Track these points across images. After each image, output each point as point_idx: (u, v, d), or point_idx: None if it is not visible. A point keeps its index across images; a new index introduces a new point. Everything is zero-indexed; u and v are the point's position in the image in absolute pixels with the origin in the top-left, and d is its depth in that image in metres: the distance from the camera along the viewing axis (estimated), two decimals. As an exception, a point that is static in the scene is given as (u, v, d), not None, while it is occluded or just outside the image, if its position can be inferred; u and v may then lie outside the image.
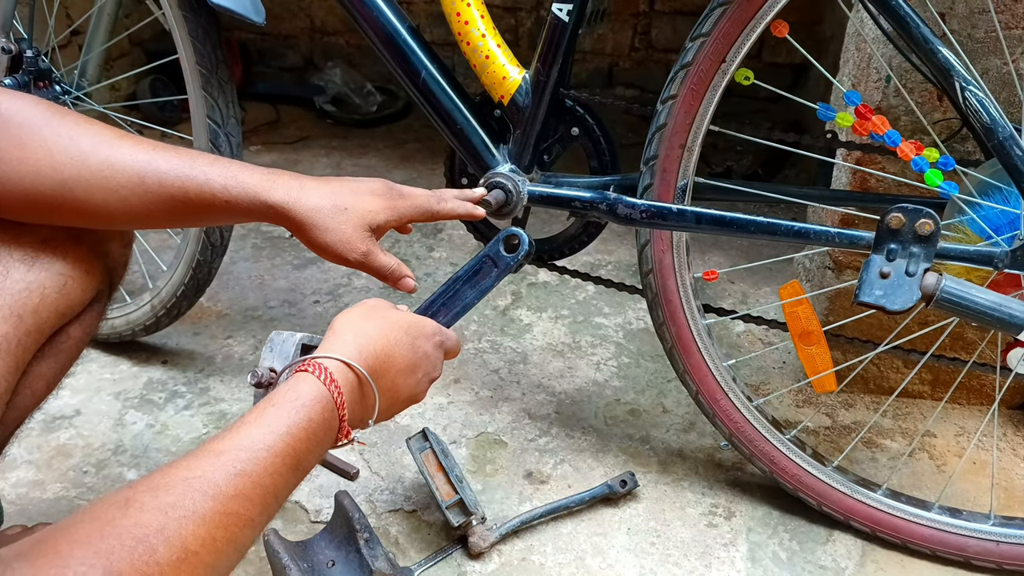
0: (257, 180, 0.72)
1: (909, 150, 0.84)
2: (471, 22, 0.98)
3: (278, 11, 2.42)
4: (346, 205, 0.75)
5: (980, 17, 0.96)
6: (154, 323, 1.32)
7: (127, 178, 0.66)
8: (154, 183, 0.67)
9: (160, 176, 0.67)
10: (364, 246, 0.76)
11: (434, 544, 1.04)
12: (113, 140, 0.67)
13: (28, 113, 0.64)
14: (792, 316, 0.98)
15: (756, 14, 0.83)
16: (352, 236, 0.75)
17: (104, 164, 0.65)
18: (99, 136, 0.66)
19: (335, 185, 0.77)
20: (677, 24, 2.25)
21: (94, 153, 0.65)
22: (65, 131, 0.65)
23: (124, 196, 0.66)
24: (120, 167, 0.66)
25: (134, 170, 0.66)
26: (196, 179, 0.69)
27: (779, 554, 1.03)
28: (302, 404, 0.60)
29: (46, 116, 0.65)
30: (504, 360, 1.38)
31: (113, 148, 0.66)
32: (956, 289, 0.77)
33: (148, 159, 0.67)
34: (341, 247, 0.75)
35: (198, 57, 1.12)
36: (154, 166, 0.67)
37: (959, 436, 1.21)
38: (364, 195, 0.77)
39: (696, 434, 1.22)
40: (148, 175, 0.67)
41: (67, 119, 0.66)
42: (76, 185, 0.64)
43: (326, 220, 0.74)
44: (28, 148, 0.63)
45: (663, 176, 0.93)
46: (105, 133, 0.67)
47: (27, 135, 0.63)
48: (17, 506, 1.08)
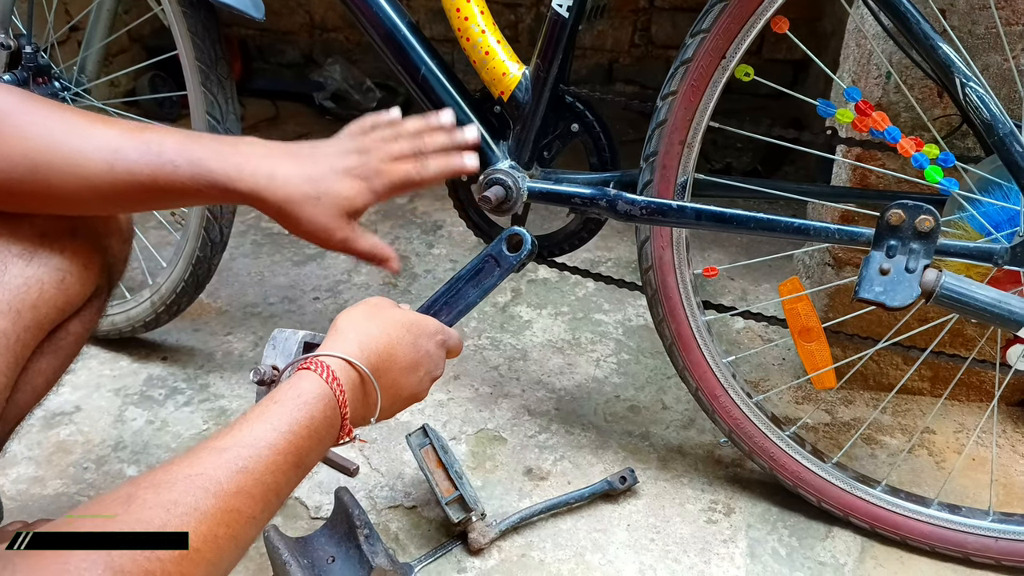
0: (225, 170, 0.69)
1: (909, 146, 0.84)
2: (471, 18, 0.98)
3: (277, 7, 2.42)
4: (319, 193, 0.72)
5: (980, 13, 0.96)
6: (154, 319, 1.32)
7: (97, 166, 0.65)
8: (123, 171, 0.66)
9: (129, 165, 0.66)
10: (342, 234, 0.74)
11: (434, 540, 1.04)
12: (82, 126, 0.66)
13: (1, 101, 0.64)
14: (792, 313, 0.98)
15: (756, 10, 0.83)
16: (329, 224, 0.73)
17: (75, 151, 0.65)
18: (70, 123, 0.65)
19: (308, 165, 0.73)
20: (677, 20, 2.25)
21: (65, 140, 0.64)
22: (38, 118, 0.64)
23: (95, 184, 0.65)
24: (90, 154, 0.65)
25: (103, 159, 0.65)
26: (164, 169, 0.67)
27: (778, 550, 1.03)
28: (304, 402, 0.60)
29: (18, 103, 0.64)
30: (504, 357, 1.38)
31: (83, 136, 0.65)
32: (956, 285, 0.77)
33: (117, 146, 0.66)
34: (318, 237, 0.73)
35: (197, 53, 1.12)
36: (122, 154, 0.66)
37: (958, 432, 1.21)
38: (340, 178, 0.74)
39: (696, 430, 1.22)
40: (117, 163, 0.66)
41: (39, 106, 0.65)
42: (48, 172, 0.64)
43: (298, 211, 0.71)
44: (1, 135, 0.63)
45: (663, 172, 0.93)
46: (77, 119, 0.66)
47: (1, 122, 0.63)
48: (17, 502, 1.08)
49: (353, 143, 0.77)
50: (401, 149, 0.79)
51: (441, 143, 0.82)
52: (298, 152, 0.74)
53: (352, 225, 0.75)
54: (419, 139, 0.80)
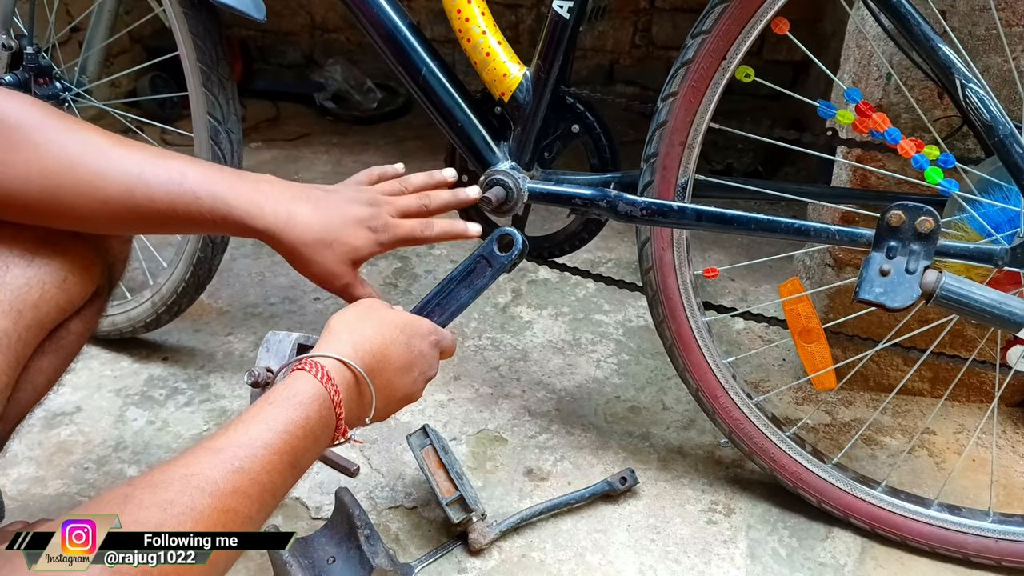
0: (244, 207, 0.71)
1: (909, 147, 0.84)
2: (472, 19, 0.98)
3: (278, 8, 2.42)
4: (331, 240, 0.75)
5: (981, 14, 0.96)
6: (155, 320, 1.32)
7: (116, 190, 0.65)
8: (143, 197, 0.67)
9: (149, 191, 0.67)
10: (344, 280, 0.77)
11: (434, 541, 1.04)
12: (104, 148, 0.66)
13: (22, 115, 0.64)
14: (792, 313, 0.98)
15: (757, 11, 0.83)
16: (335, 270, 0.76)
17: (93, 174, 0.65)
18: (90, 143, 0.66)
19: (322, 210, 0.76)
20: (678, 21, 2.25)
21: (83, 162, 0.65)
22: (57, 136, 0.64)
23: (113, 208, 0.66)
24: (109, 178, 0.65)
25: (123, 183, 0.66)
26: (184, 199, 0.68)
27: (778, 551, 1.03)
28: (299, 402, 0.60)
29: (39, 119, 0.64)
30: (504, 357, 1.38)
31: (102, 158, 0.66)
32: (956, 287, 0.77)
33: (138, 172, 0.66)
34: (322, 280, 0.76)
35: (199, 54, 1.12)
36: (143, 180, 0.67)
37: (958, 433, 1.21)
38: (350, 227, 0.76)
39: (696, 431, 1.22)
40: (137, 189, 0.66)
41: (59, 123, 0.65)
42: (64, 193, 0.64)
43: (310, 254, 0.74)
44: (19, 151, 0.63)
45: (664, 173, 0.93)
46: (96, 140, 0.66)
47: (19, 138, 0.63)
48: (18, 502, 1.08)
49: (364, 195, 0.80)
50: (408, 204, 0.83)
51: (445, 200, 0.87)
52: (314, 196, 0.77)
53: (355, 273, 0.78)
54: (425, 195, 0.85)
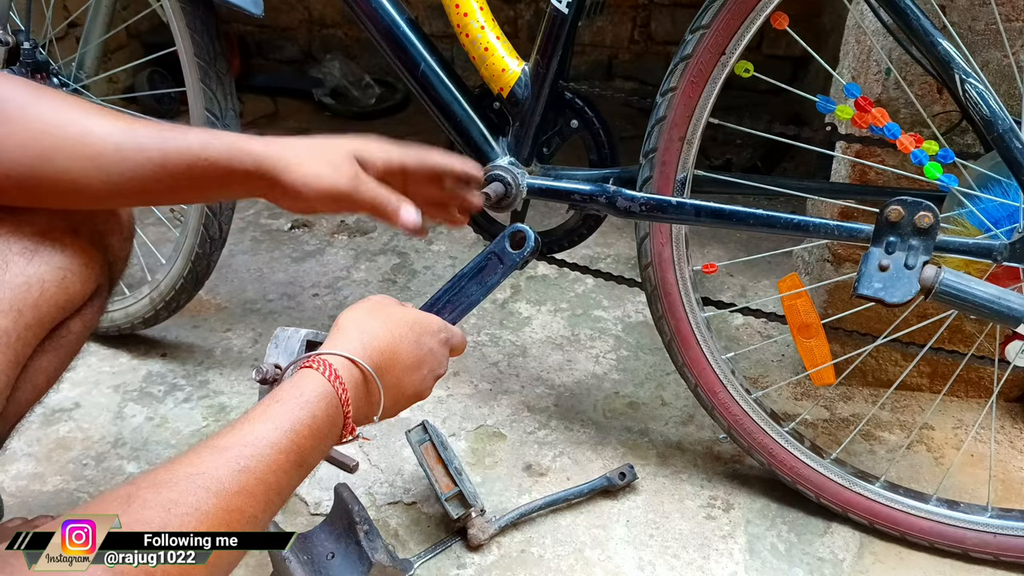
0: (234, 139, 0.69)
1: (908, 143, 0.84)
2: (470, 14, 0.98)
3: (276, 3, 2.41)
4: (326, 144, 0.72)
5: (980, 9, 0.96)
6: (153, 316, 1.32)
7: (105, 146, 0.65)
8: (133, 149, 0.66)
9: (139, 143, 0.66)
10: (352, 170, 0.71)
11: (433, 536, 1.04)
12: (92, 112, 0.67)
13: (10, 89, 0.64)
14: (791, 309, 0.98)
15: (756, 6, 0.83)
16: (338, 161, 0.71)
17: (83, 131, 0.65)
18: (79, 109, 0.66)
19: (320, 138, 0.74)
20: (676, 16, 2.24)
21: (72, 123, 0.65)
22: (46, 104, 0.65)
23: (103, 165, 0.65)
24: (98, 134, 0.65)
25: (112, 139, 0.66)
26: (175, 140, 0.67)
27: (777, 546, 1.03)
28: (306, 401, 0.59)
29: (28, 92, 0.65)
30: (503, 353, 1.38)
31: (91, 119, 0.66)
32: (955, 282, 0.77)
33: (126, 127, 0.66)
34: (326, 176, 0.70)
35: (196, 49, 1.12)
36: (132, 133, 0.66)
37: (957, 429, 1.22)
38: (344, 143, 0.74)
39: (695, 427, 1.22)
40: (126, 143, 0.66)
41: (48, 94, 0.66)
42: (55, 155, 0.64)
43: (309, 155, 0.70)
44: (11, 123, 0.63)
45: (662, 169, 0.93)
46: (85, 107, 0.67)
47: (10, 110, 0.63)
48: (17, 499, 1.08)
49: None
50: None
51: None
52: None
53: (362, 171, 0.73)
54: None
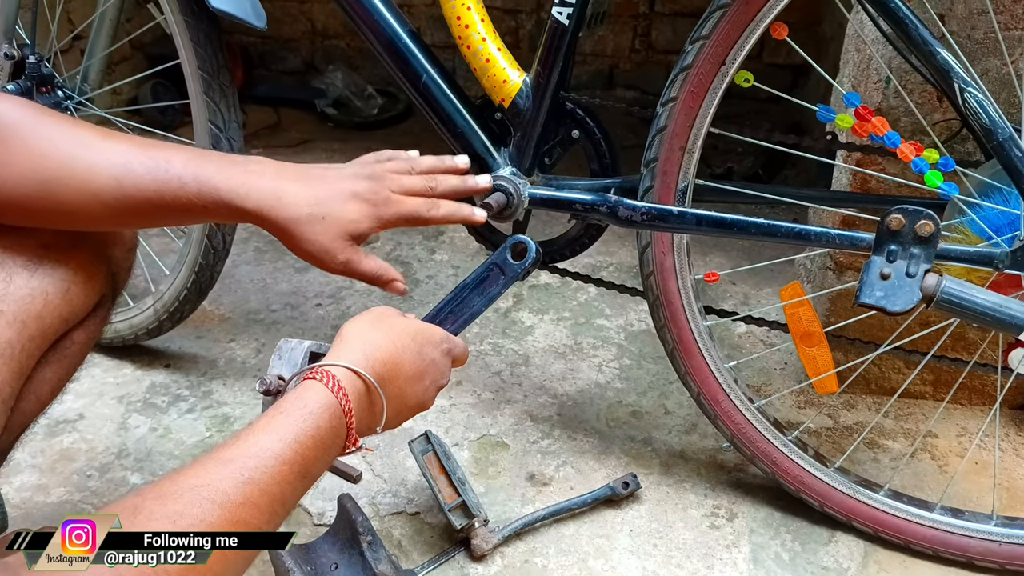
0: (232, 187, 0.69)
1: (909, 151, 0.84)
2: (471, 26, 0.99)
3: (279, 15, 2.43)
4: (324, 214, 0.72)
5: (979, 18, 0.96)
6: (157, 327, 1.32)
7: (105, 182, 0.66)
8: (131, 187, 0.67)
9: (136, 180, 0.67)
10: (343, 256, 0.73)
11: (437, 546, 1.04)
12: (92, 142, 0.67)
13: (13, 115, 0.65)
14: (793, 317, 0.98)
15: (756, 16, 0.83)
16: (331, 247, 0.72)
17: (84, 167, 0.65)
18: (79, 138, 0.66)
19: (315, 186, 0.73)
20: (677, 26, 2.25)
21: (73, 157, 0.65)
22: (47, 133, 0.65)
23: (104, 200, 0.66)
24: (99, 170, 0.66)
25: (111, 175, 0.66)
26: (170, 185, 0.67)
27: (781, 555, 1.03)
28: (310, 412, 0.60)
29: (30, 118, 0.65)
30: (506, 362, 1.38)
31: (92, 151, 0.66)
32: (956, 290, 0.77)
33: (125, 162, 0.67)
34: (319, 258, 0.73)
35: (199, 61, 1.13)
36: (130, 169, 0.67)
37: (961, 436, 1.21)
38: (346, 200, 0.74)
39: (698, 436, 1.22)
40: (125, 179, 0.66)
41: (49, 121, 0.66)
42: (58, 188, 0.65)
43: (303, 231, 0.71)
44: (12, 150, 0.63)
45: (664, 178, 0.93)
46: (85, 135, 0.67)
47: (11, 137, 0.64)
48: (21, 510, 1.08)
49: (365, 169, 0.78)
50: (413, 183, 0.79)
51: (453, 185, 0.83)
52: (308, 174, 0.74)
53: (355, 248, 0.74)
54: (432, 177, 0.81)
